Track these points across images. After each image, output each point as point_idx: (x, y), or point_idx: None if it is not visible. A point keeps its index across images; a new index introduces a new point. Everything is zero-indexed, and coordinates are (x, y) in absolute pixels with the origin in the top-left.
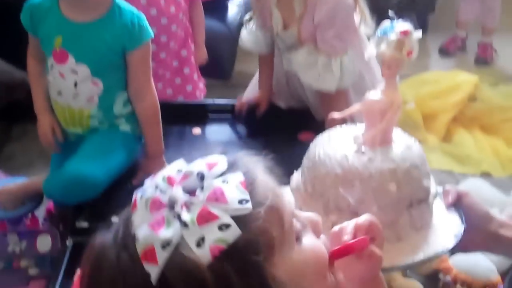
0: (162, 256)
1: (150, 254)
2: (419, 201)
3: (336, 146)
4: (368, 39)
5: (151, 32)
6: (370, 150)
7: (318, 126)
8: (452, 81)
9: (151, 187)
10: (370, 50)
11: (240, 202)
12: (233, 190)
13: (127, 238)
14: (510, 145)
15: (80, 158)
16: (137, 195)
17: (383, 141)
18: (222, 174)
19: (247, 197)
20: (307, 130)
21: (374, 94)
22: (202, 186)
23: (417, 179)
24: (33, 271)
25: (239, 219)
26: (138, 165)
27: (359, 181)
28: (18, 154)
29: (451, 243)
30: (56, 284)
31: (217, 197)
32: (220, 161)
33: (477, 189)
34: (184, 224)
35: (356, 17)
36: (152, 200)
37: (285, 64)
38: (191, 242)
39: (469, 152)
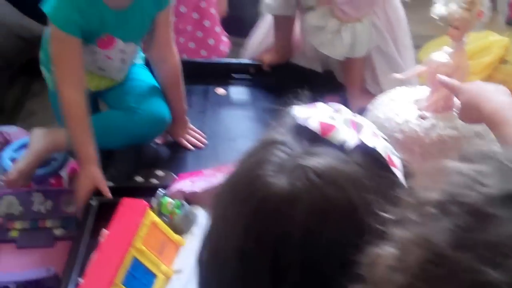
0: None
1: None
2: None
3: (397, 109)
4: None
5: None
6: (432, 116)
7: (342, 89)
8: (482, 43)
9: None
10: (401, 12)
11: None
12: None
13: None
14: None
15: (146, 100)
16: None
17: (446, 107)
18: None
19: None
20: (332, 92)
21: (440, 56)
22: None
23: None
24: (58, 231)
25: None
26: None
27: (418, 147)
28: (38, 111)
29: None
30: (80, 244)
31: None
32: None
33: None
34: None
35: None
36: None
37: (303, 26)
38: None
39: None
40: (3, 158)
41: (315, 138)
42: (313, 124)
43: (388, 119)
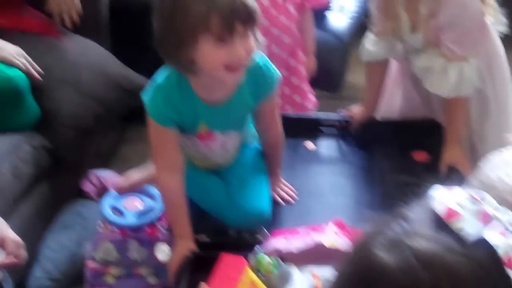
0: None
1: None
2: None
3: (510, 171)
4: (500, 38)
5: (278, 72)
6: None
7: (433, 145)
8: None
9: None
10: (502, 53)
11: None
12: None
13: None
14: None
15: (249, 193)
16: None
17: None
18: None
19: None
20: (422, 149)
21: None
22: None
23: None
24: (152, 279)
25: None
26: None
27: None
28: (132, 157)
29: None
30: None
31: None
32: None
33: None
34: None
35: (486, 20)
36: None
37: (411, 67)
38: None
39: None
40: (104, 207)
41: (439, 222)
42: (439, 208)
43: (501, 180)
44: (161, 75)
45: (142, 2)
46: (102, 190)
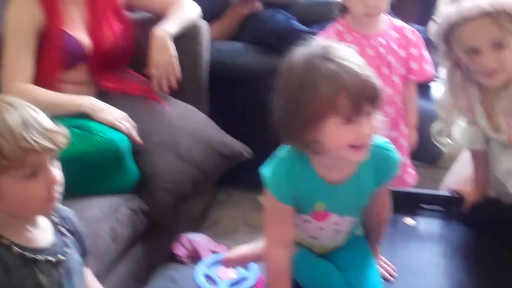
0: None
1: None
2: None
3: None
4: None
5: (399, 156)
6: None
7: None
8: None
9: None
10: None
11: None
12: None
13: None
14: None
15: (363, 277)
16: None
17: None
18: None
19: None
20: None
21: None
22: None
23: None
24: None
25: None
26: None
27: None
28: (222, 219)
29: None
30: None
31: None
32: None
33: None
34: None
35: None
36: None
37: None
38: None
39: None
40: (197, 275)
41: None
42: None
43: None
44: (282, 150)
45: (240, 70)
46: (194, 254)
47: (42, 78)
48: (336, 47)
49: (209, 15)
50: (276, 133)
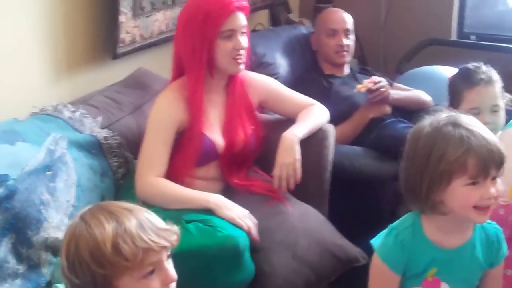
0: None
1: None
2: None
3: None
4: None
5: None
6: None
7: None
8: None
9: None
10: None
11: None
12: None
13: None
14: None
15: None
16: None
17: None
18: None
19: None
20: None
21: None
22: None
23: None
24: None
25: None
26: None
27: None
28: None
29: None
30: None
31: None
32: None
33: None
34: None
35: None
36: None
37: None
38: None
39: None
40: None
41: None
42: None
43: None
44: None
45: (359, 173)
46: None
47: (175, 173)
48: (462, 116)
49: (336, 115)
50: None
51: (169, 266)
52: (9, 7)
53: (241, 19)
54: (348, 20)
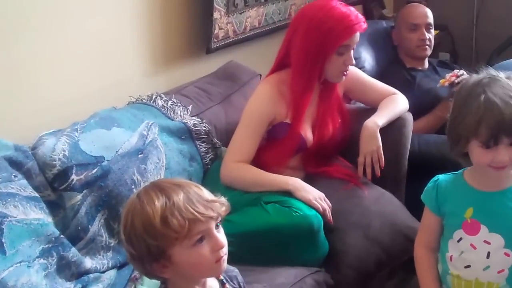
0: None
1: None
2: None
3: None
4: None
5: None
6: None
7: None
8: None
9: None
10: None
11: None
12: None
13: None
14: None
15: None
16: None
17: None
18: None
19: None
20: None
21: None
22: None
23: None
24: None
25: None
26: None
27: None
28: None
29: None
30: None
31: None
32: None
33: None
34: None
35: None
36: None
37: None
38: None
39: None
40: None
41: None
42: None
43: None
44: None
45: (437, 157)
46: None
47: (264, 162)
48: (497, 81)
49: (419, 108)
50: None
51: (219, 234)
52: (112, 8)
53: (358, 38)
54: (429, 14)
